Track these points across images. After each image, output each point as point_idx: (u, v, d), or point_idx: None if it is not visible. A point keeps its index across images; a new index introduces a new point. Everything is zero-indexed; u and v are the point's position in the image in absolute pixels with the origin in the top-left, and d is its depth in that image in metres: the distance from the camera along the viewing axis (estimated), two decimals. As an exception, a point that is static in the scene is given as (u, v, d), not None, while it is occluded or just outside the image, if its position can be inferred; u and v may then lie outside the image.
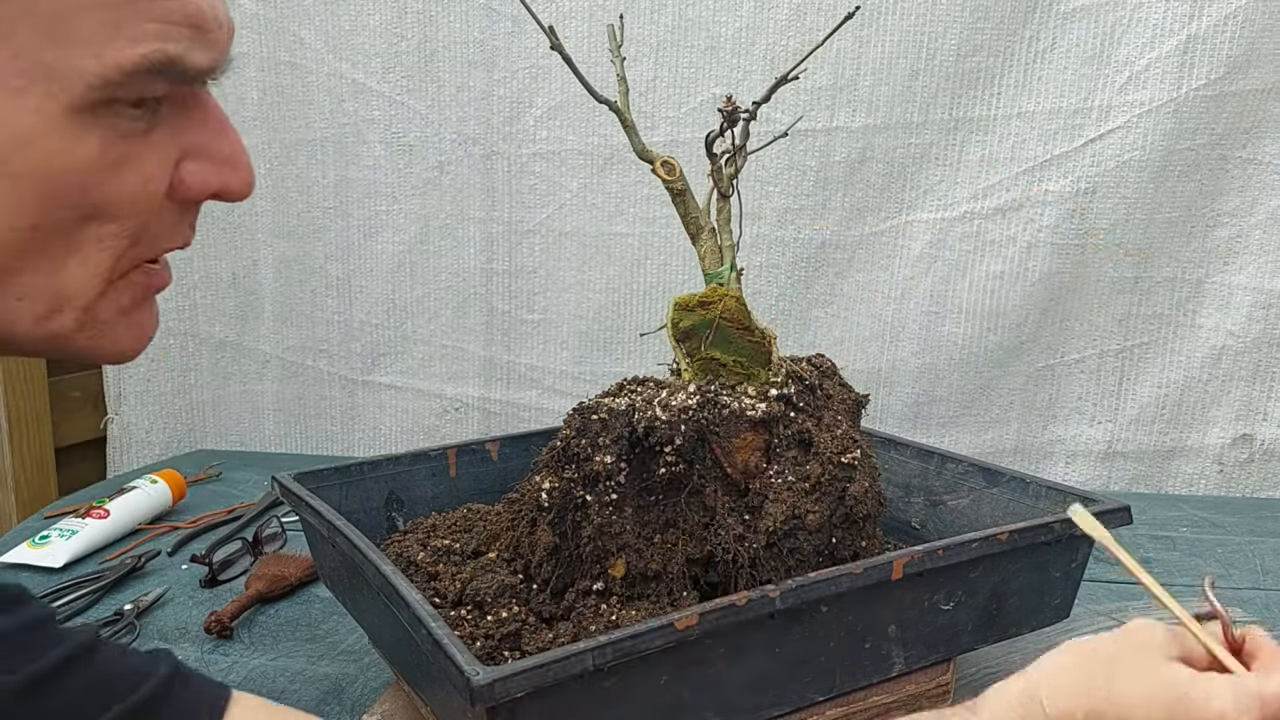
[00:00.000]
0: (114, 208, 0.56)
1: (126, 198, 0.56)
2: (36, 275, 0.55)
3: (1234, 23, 1.67)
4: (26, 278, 0.55)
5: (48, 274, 0.55)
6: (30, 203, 0.53)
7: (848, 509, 0.91)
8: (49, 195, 0.53)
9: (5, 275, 0.54)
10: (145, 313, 0.63)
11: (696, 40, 1.83)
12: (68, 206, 0.54)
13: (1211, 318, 1.81)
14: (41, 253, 0.55)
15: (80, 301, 0.57)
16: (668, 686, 0.78)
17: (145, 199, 0.58)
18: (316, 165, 1.96)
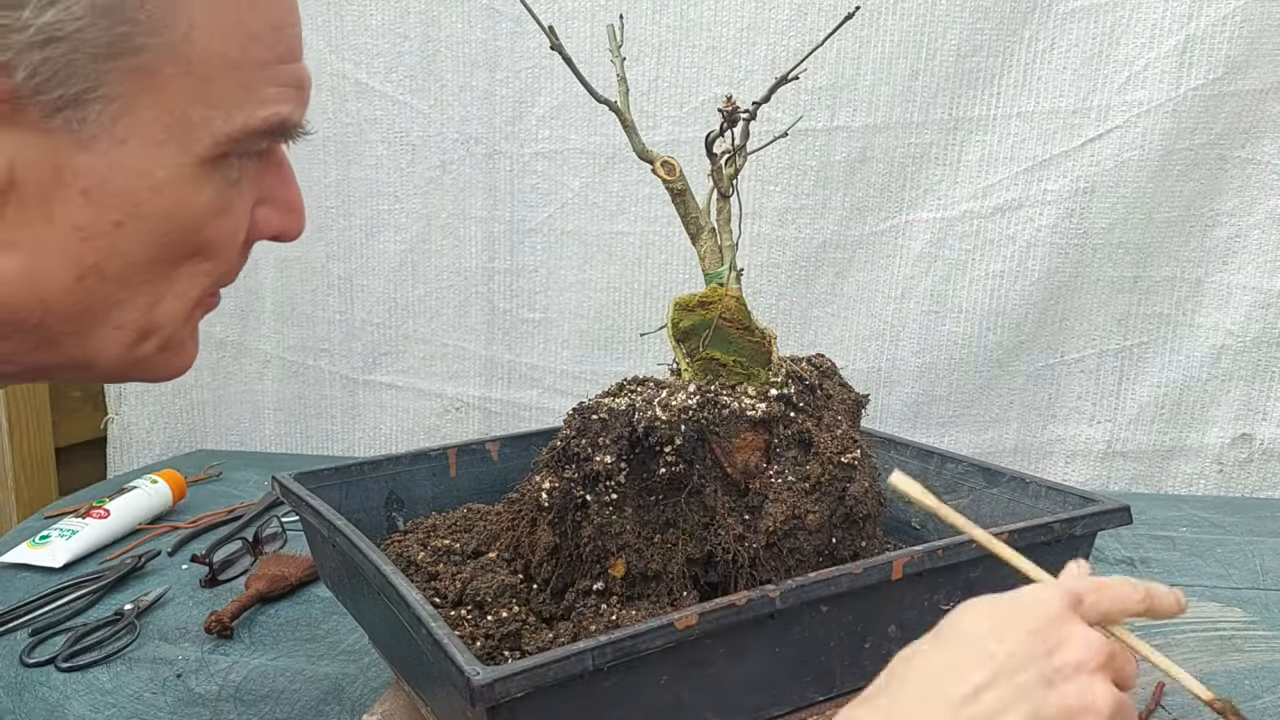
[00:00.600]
0: (213, 248, 0.62)
1: (224, 239, 0.62)
2: (138, 308, 0.60)
3: (1233, 23, 1.67)
4: (128, 311, 0.60)
5: (146, 307, 0.61)
6: (152, 242, 0.58)
7: (848, 509, 0.92)
8: (168, 235, 0.58)
9: (112, 307, 0.59)
10: (196, 336, 0.68)
11: (698, 40, 1.83)
12: (182, 245, 0.60)
13: (1211, 317, 1.81)
14: (148, 287, 0.60)
15: (168, 331, 0.62)
16: (668, 686, 0.78)
17: (235, 242, 0.64)
18: (319, 165, 1.96)
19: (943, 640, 0.64)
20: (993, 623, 0.63)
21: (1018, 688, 0.60)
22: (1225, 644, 1.22)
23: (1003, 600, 0.65)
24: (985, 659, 0.61)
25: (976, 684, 0.60)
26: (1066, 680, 0.61)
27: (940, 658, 0.63)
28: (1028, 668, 0.60)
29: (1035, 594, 0.65)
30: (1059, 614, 0.63)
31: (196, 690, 1.10)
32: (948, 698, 0.60)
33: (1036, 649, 0.61)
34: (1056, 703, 0.60)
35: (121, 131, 0.54)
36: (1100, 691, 0.61)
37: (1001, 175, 1.81)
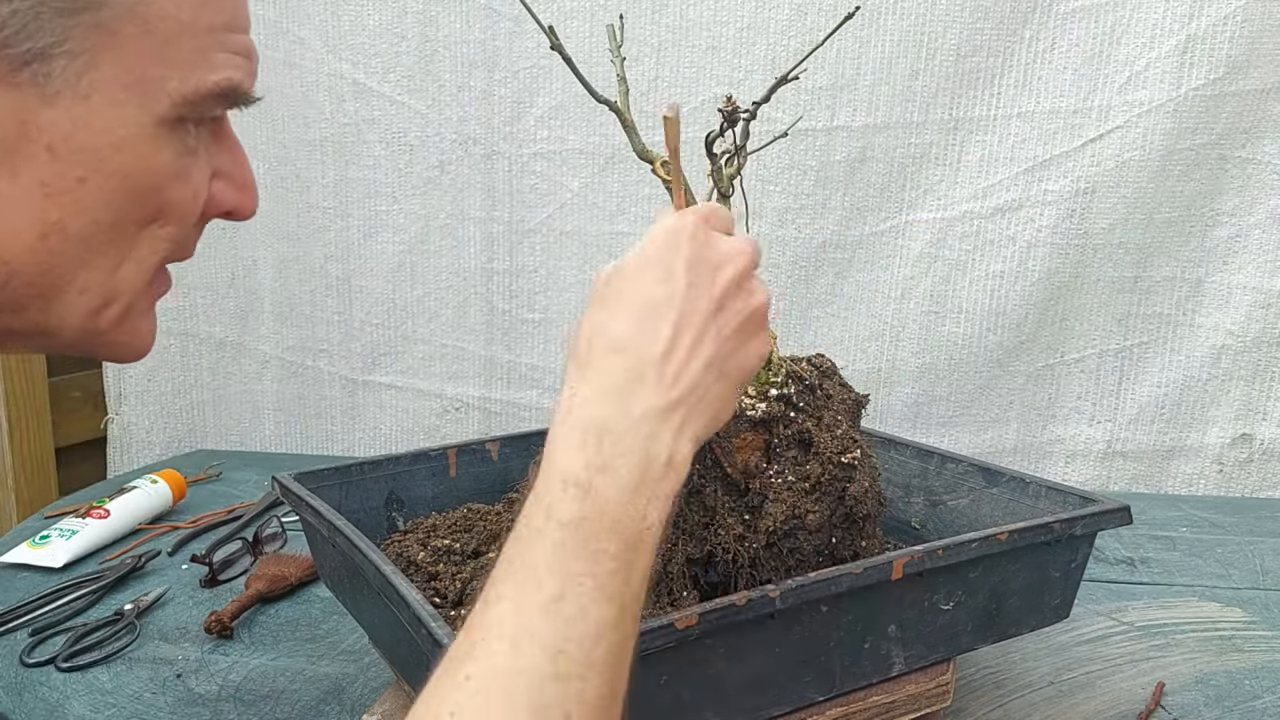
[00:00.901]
0: (172, 214, 0.63)
1: (183, 205, 0.64)
2: (100, 270, 0.61)
3: (1233, 23, 1.67)
4: (92, 273, 0.61)
5: (109, 270, 0.62)
6: (116, 200, 0.59)
7: (848, 509, 0.91)
8: (130, 194, 0.60)
9: (76, 269, 0.60)
10: (153, 317, 0.69)
11: (698, 40, 1.83)
12: (142, 206, 0.61)
13: (1211, 317, 1.81)
14: (110, 249, 0.61)
15: (127, 298, 0.63)
16: (668, 686, 0.78)
17: (194, 209, 0.65)
18: (316, 165, 1.96)
19: (616, 307, 0.67)
20: (656, 271, 0.67)
21: (701, 322, 0.66)
22: (1225, 644, 1.22)
23: (652, 244, 0.68)
24: (665, 310, 0.65)
25: (668, 336, 0.65)
26: (734, 296, 0.69)
27: (624, 324, 0.66)
28: (700, 299, 0.66)
29: (672, 224, 0.69)
30: (704, 235, 0.69)
31: (196, 690, 1.10)
32: (650, 359, 0.64)
33: (701, 278, 0.67)
34: (732, 318, 0.68)
35: (85, 88, 0.56)
36: (757, 288, 0.72)
37: (1002, 175, 1.81)
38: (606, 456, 0.61)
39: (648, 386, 0.63)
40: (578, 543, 0.58)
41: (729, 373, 0.68)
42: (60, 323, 0.61)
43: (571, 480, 0.60)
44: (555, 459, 0.62)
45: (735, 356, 0.68)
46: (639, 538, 0.60)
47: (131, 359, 0.68)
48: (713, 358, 0.66)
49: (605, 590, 0.58)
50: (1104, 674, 1.15)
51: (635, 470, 0.61)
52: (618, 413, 0.63)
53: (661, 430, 0.63)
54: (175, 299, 1.99)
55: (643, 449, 0.62)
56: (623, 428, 0.62)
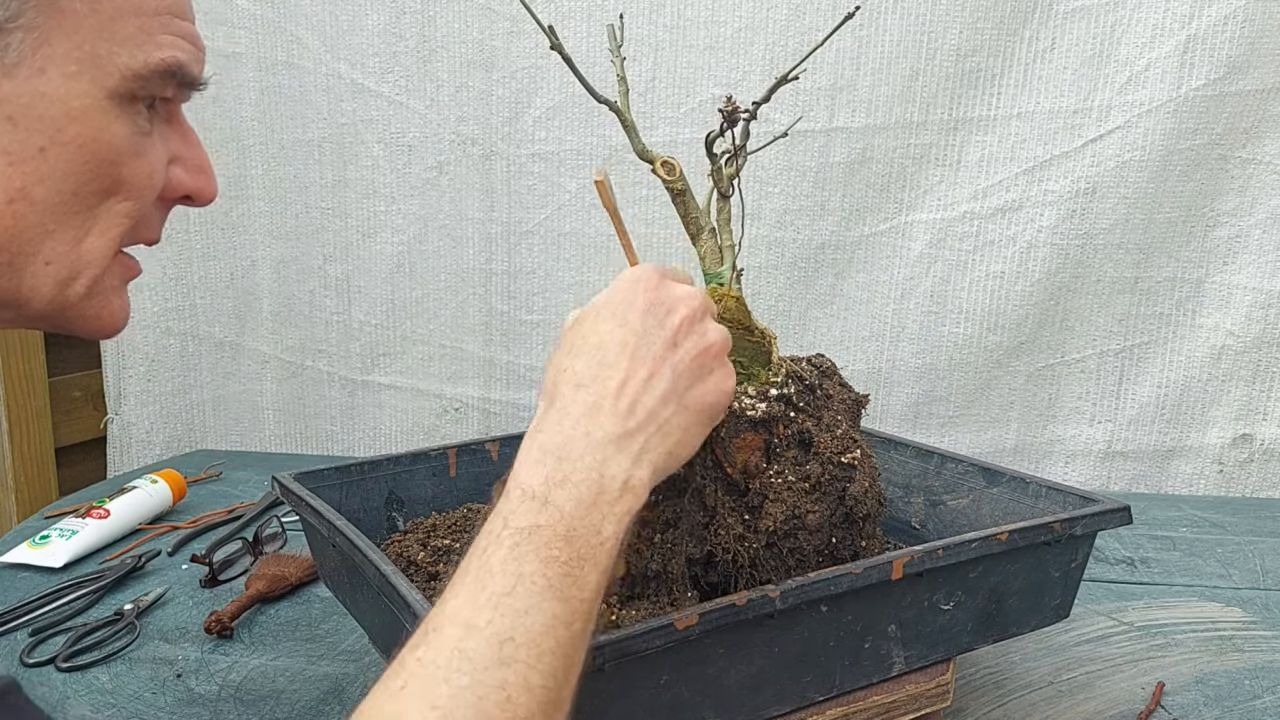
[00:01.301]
0: (131, 188, 0.67)
1: (141, 181, 0.68)
2: (65, 241, 0.65)
3: (1234, 23, 1.67)
4: (57, 243, 0.65)
5: (73, 241, 0.65)
6: (74, 169, 0.63)
7: (848, 509, 0.91)
8: (87, 164, 0.64)
9: (42, 238, 0.64)
10: (125, 294, 0.73)
11: (696, 40, 1.83)
12: (101, 177, 0.65)
13: (1211, 317, 1.82)
14: (73, 219, 0.65)
15: (94, 270, 0.67)
16: (668, 686, 0.78)
17: (151, 187, 0.69)
18: (314, 165, 1.96)
19: (578, 349, 0.72)
20: (614, 317, 0.73)
21: (655, 359, 0.71)
22: (1225, 644, 1.22)
23: (611, 294, 0.75)
24: (621, 349, 0.71)
25: (624, 369, 0.70)
26: (686, 336, 0.73)
27: (585, 363, 0.71)
28: (654, 339, 0.72)
29: (629, 275, 0.75)
30: (657, 283, 0.74)
31: (196, 690, 1.10)
32: (607, 392, 0.69)
33: (653, 323, 0.72)
34: (685, 356, 0.72)
35: (40, 61, 0.61)
36: (711, 329, 0.75)
37: (1002, 176, 1.81)
38: (565, 472, 0.66)
39: (605, 415, 0.69)
40: (531, 547, 0.62)
41: (688, 405, 0.72)
42: (31, 293, 0.65)
43: (530, 493, 0.65)
44: (518, 475, 0.68)
45: (693, 390, 0.73)
46: (593, 550, 0.64)
47: (104, 335, 0.72)
48: (669, 391, 0.71)
49: (556, 590, 0.61)
50: (1104, 674, 1.15)
51: (591, 487, 0.66)
52: (577, 436, 0.68)
53: (618, 455, 0.68)
54: (175, 299, 1.99)
55: (599, 469, 0.67)
56: (581, 449, 0.67)
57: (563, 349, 0.74)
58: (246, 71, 1.91)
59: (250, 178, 1.96)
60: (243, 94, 1.92)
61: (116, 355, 1.98)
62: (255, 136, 1.94)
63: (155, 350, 2.00)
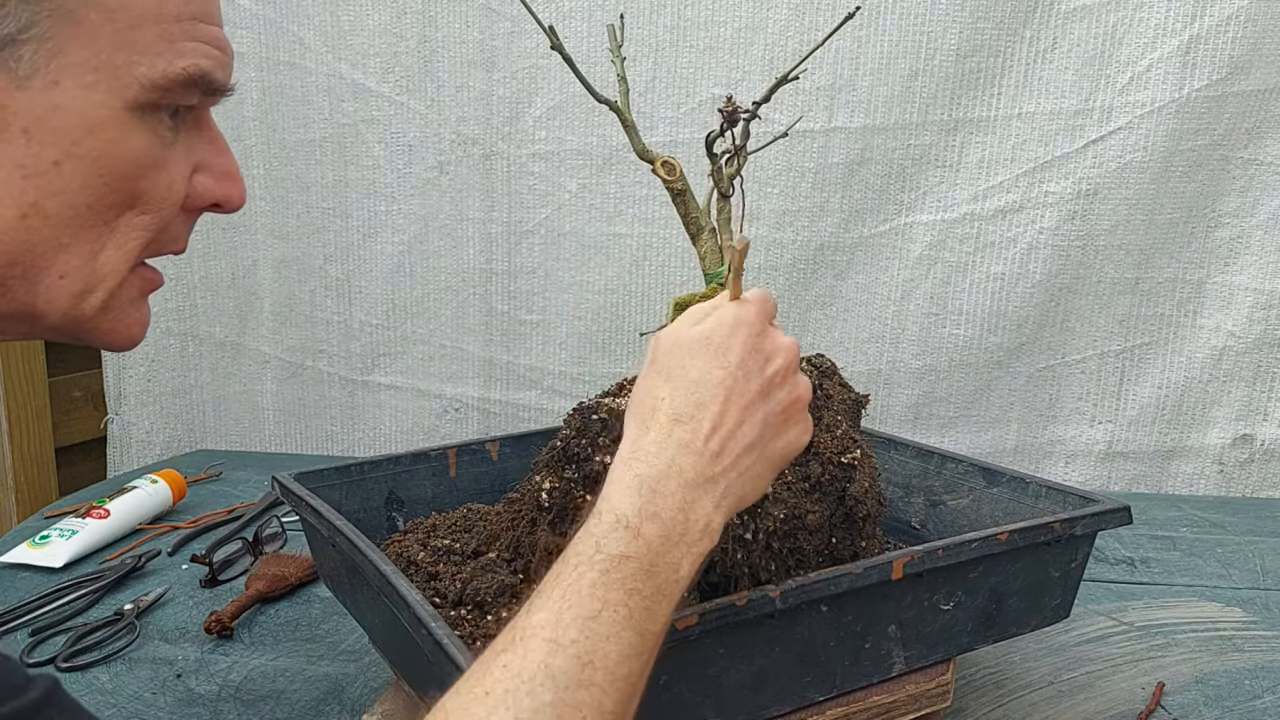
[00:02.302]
0: (149, 201, 0.65)
1: (160, 193, 0.66)
2: (79, 255, 0.63)
3: (1236, 23, 1.67)
4: (72, 256, 0.63)
5: (88, 255, 0.64)
6: (91, 182, 0.62)
7: (848, 509, 0.91)
8: (104, 178, 0.62)
9: (56, 251, 0.62)
10: (145, 306, 0.71)
11: (696, 40, 1.83)
12: (118, 191, 0.63)
13: (1212, 318, 1.81)
14: (89, 233, 0.63)
15: (110, 284, 0.65)
16: (668, 686, 0.78)
17: (171, 199, 0.67)
18: (315, 165, 1.96)
19: (676, 379, 0.73)
20: (714, 354, 0.73)
21: (748, 405, 0.72)
22: (1225, 644, 1.22)
23: (714, 329, 0.74)
24: (718, 390, 0.72)
25: (717, 414, 0.71)
26: (780, 387, 0.74)
27: (683, 397, 0.72)
28: (751, 385, 0.73)
29: (738, 315, 0.75)
30: (761, 328, 0.75)
31: (196, 690, 1.10)
32: (701, 433, 0.70)
33: (753, 367, 0.73)
34: (776, 407, 0.74)
35: (54, 72, 0.59)
36: (802, 383, 0.76)
37: (1002, 177, 1.80)
38: (657, 507, 0.67)
39: (696, 455, 0.70)
40: (619, 576, 0.64)
41: (769, 456, 0.74)
42: (46, 306, 0.64)
43: (624, 521, 0.66)
44: (611, 498, 0.68)
45: (776, 441, 0.74)
46: (670, 586, 0.66)
47: (122, 348, 0.70)
48: (755, 440, 0.72)
49: (635, 621, 0.63)
50: (1104, 674, 1.15)
51: (678, 526, 0.67)
52: (671, 473, 0.69)
53: (703, 498, 0.69)
54: (175, 299, 1.99)
55: (686, 510, 0.68)
56: (673, 487, 0.68)
57: (658, 372, 0.74)
58: (248, 71, 1.91)
59: (252, 177, 1.96)
60: (244, 94, 1.91)
61: (116, 355, 1.98)
62: (257, 136, 1.94)
63: (155, 350, 2.01)
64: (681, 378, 0.73)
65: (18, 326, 0.66)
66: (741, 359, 0.73)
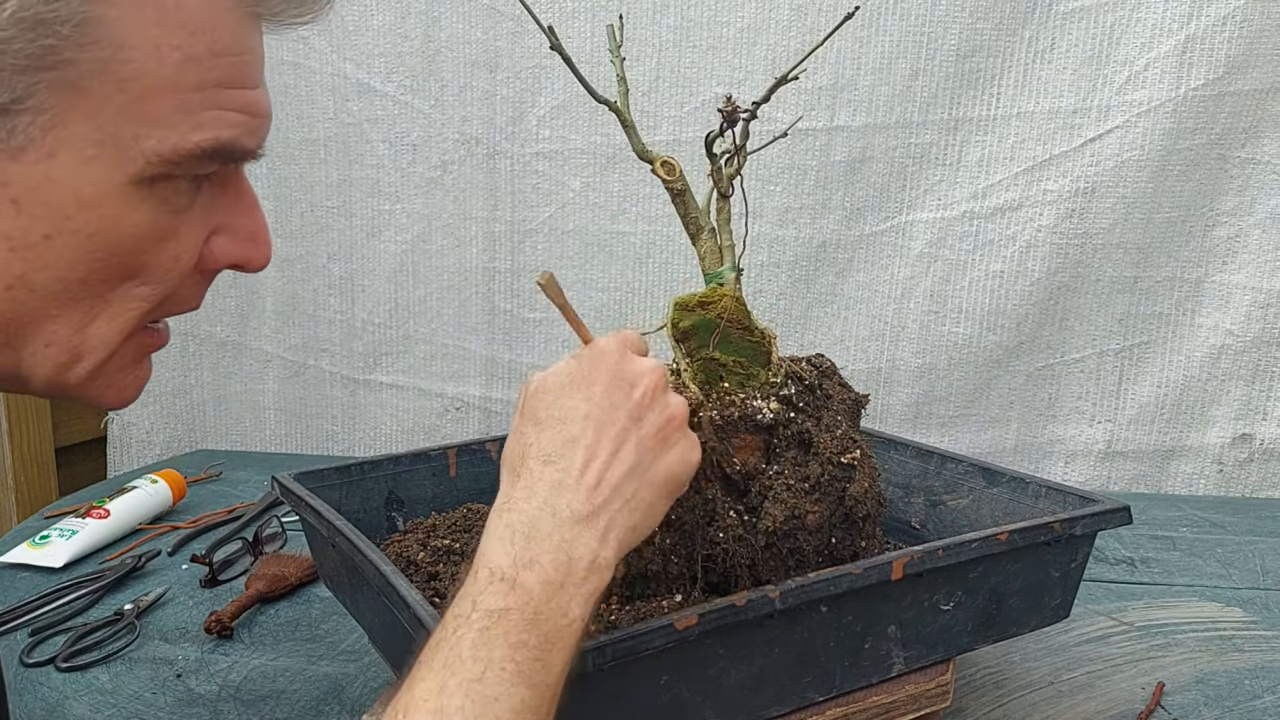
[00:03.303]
0: (151, 273, 0.62)
1: (164, 265, 0.62)
2: (68, 326, 0.60)
3: (1232, 23, 1.67)
4: (59, 327, 0.60)
5: (77, 326, 0.61)
6: (83, 258, 0.58)
7: (848, 509, 0.91)
8: (99, 254, 0.59)
9: (42, 321, 0.59)
10: (144, 366, 0.68)
11: (699, 40, 1.83)
12: (114, 266, 0.60)
13: (1211, 317, 1.81)
14: (79, 305, 0.60)
15: (99, 354, 0.62)
16: (668, 687, 0.78)
17: (178, 269, 0.64)
18: (320, 165, 1.96)
19: (543, 422, 0.73)
20: (579, 390, 0.73)
21: (620, 433, 0.71)
22: (1225, 644, 1.22)
23: (574, 366, 0.75)
24: (586, 423, 0.71)
25: (589, 446, 0.70)
26: (649, 409, 0.73)
27: (550, 437, 0.71)
28: (619, 413, 0.72)
29: (596, 350, 0.75)
30: (620, 356, 0.74)
31: (196, 690, 1.10)
32: (574, 468, 0.69)
33: (619, 396, 0.72)
34: (650, 429, 0.72)
35: (51, 144, 0.55)
36: (674, 401, 0.75)
37: (1001, 175, 1.81)
38: (533, 554, 0.65)
39: (572, 493, 0.68)
40: (500, 631, 0.62)
41: (652, 480, 0.72)
42: (30, 372, 0.61)
43: (498, 573, 0.64)
44: (485, 554, 0.66)
45: (658, 464, 0.72)
46: (560, 632, 0.64)
47: (112, 408, 0.68)
48: (634, 466, 0.71)
49: (525, 676, 0.61)
50: (1104, 674, 1.15)
51: (559, 568, 0.65)
52: (544, 515, 0.67)
53: (585, 533, 0.67)
54: (176, 299, 1.99)
55: (566, 550, 0.66)
56: (548, 529, 0.66)
57: (526, 418, 0.74)
58: (248, 71, 1.90)
59: (256, 177, 1.94)
60: (244, 94, 1.91)
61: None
62: (257, 136, 1.94)
63: (156, 350, 2.00)
64: (548, 419, 0.72)
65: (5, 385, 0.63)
66: (606, 389, 0.72)
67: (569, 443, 0.70)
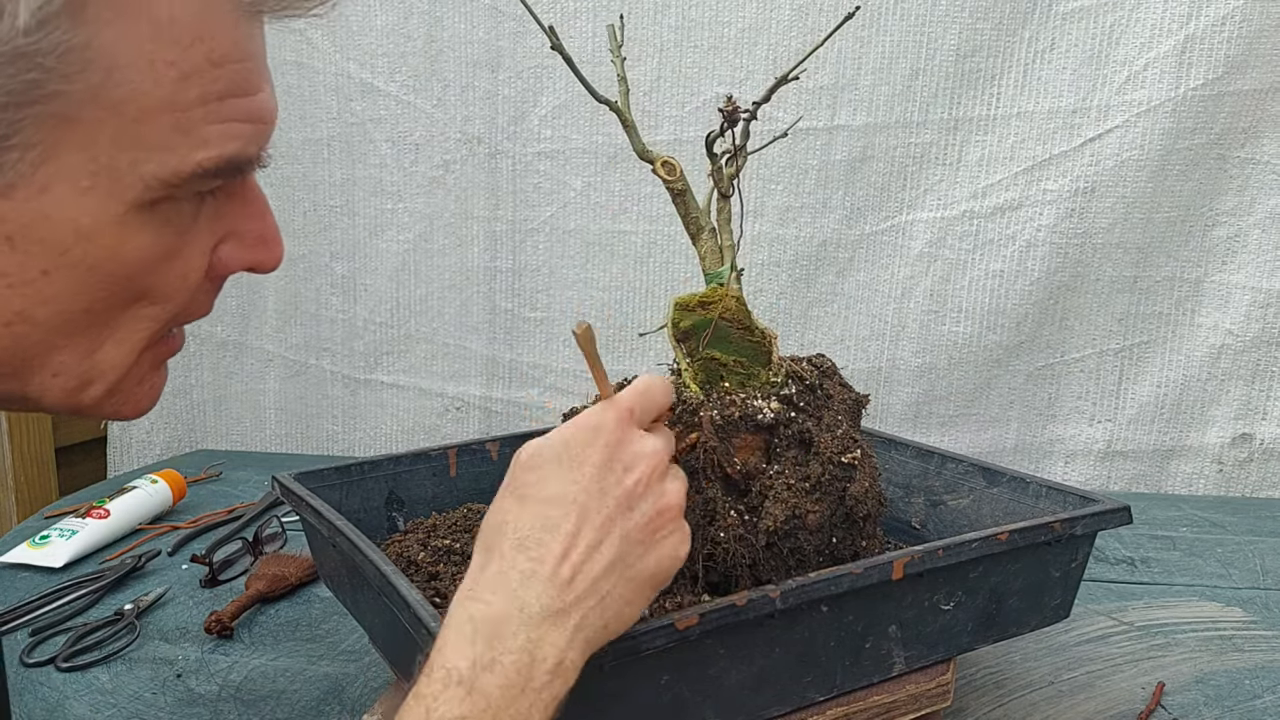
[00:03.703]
0: (159, 294, 0.60)
1: (171, 284, 0.60)
2: (75, 354, 0.58)
3: (1232, 23, 1.67)
4: (66, 356, 0.58)
5: (85, 353, 0.59)
6: (85, 290, 0.56)
7: (848, 509, 0.91)
8: (103, 283, 0.56)
9: (48, 352, 0.57)
10: (159, 374, 0.66)
11: (700, 40, 1.83)
12: (118, 293, 0.57)
13: (1210, 317, 1.82)
14: (85, 334, 0.58)
15: (111, 377, 0.61)
16: (668, 687, 0.78)
17: (187, 285, 0.61)
18: (323, 164, 1.96)
19: (525, 497, 0.67)
20: (568, 468, 0.67)
21: (605, 522, 0.66)
22: (1225, 644, 1.22)
23: (570, 438, 0.69)
24: (570, 508, 0.66)
25: (569, 535, 0.65)
26: (642, 498, 0.68)
27: (530, 518, 0.66)
28: (608, 499, 0.66)
29: (592, 421, 0.69)
30: (620, 435, 0.69)
31: (196, 690, 1.10)
32: (549, 557, 0.64)
33: (610, 481, 0.67)
34: (640, 520, 0.67)
35: (43, 178, 0.52)
36: (670, 490, 0.70)
37: (1001, 175, 1.81)
38: (495, 654, 0.61)
39: (543, 585, 0.64)
40: None
41: (633, 578, 0.67)
42: (40, 396, 0.60)
43: (455, 677, 0.60)
44: (444, 648, 0.62)
45: (644, 560, 0.68)
46: None
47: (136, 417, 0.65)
48: (615, 560, 0.66)
49: None
50: (1104, 674, 1.15)
51: (522, 671, 0.61)
52: (511, 610, 0.63)
53: (552, 633, 0.63)
54: (176, 298, 1.99)
55: (530, 651, 0.62)
56: (514, 626, 0.62)
57: (510, 491, 0.69)
58: (250, 71, 1.91)
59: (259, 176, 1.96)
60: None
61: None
62: (258, 136, 1.94)
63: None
64: (533, 496, 0.67)
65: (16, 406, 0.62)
66: (598, 470, 0.67)
67: (549, 528, 0.65)
